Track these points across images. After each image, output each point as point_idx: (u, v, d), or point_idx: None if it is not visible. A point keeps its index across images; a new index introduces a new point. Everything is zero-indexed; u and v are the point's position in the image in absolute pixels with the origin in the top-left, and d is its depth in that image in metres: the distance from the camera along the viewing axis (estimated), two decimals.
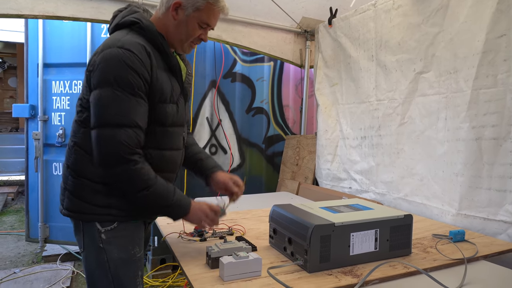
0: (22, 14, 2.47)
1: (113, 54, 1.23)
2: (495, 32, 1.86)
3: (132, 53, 1.24)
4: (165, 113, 1.35)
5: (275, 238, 1.51)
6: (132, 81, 1.23)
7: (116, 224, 1.33)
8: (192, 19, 1.36)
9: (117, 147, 1.21)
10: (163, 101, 1.34)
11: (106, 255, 1.31)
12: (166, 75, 1.36)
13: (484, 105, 1.93)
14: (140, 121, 1.26)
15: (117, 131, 1.22)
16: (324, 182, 3.25)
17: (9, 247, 4.05)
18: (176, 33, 1.38)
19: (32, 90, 3.71)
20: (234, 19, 3.22)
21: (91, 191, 1.31)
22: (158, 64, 1.32)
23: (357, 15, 2.82)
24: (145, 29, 1.33)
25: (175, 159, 1.47)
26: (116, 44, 1.25)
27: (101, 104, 1.24)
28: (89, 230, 1.32)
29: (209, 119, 3.66)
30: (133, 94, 1.24)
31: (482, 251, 1.55)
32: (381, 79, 2.64)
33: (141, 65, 1.25)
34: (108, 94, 1.22)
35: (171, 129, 1.40)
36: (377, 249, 1.39)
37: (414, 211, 2.36)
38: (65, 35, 3.57)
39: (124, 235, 1.35)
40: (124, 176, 1.25)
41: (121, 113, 1.23)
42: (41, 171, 3.63)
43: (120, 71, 1.22)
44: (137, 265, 1.38)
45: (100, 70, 1.24)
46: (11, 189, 6.68)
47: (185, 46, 1.43)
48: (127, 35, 1.30)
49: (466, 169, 2.01)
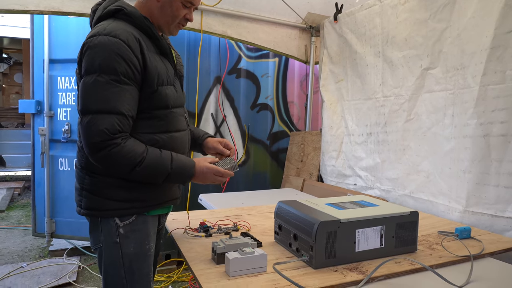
0: (28, 10, 2.47)
1: (98, 41, 1.22)
2: (504, 27, 1.84)
3: (118, 39, 1.23)
4: (166, 95, 1.35)
5: (281, 234, 1.51)
6: (118, 68, 1.22)
7: (135, 217, 1.34)
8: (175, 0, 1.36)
9: (96, 134, 1.20)
10: (162, 83, 1.34)
11: (121, 250, 1.33)
12: (159, 58, 1.37)
13: (492, 101, 1.91)
14: (123, 107, 1.23)
15: (96, 117, 1.20)
16: (329, 179, 3.24)
17: (16, 242, 4.10)
18: (161, 16, 1.39)
19: (38, 85, 3.72)
20: (239, 14, 3.21)
21: (111, 187, 1.31)
22: (148, 48, 1.32)
23: (363, 11, 2.80)
24: (130, 15, 1.32)
25: (184, 140, 1.49)
26: (102, 32, 1.24)
27: (84, 92, 1.23)
28: (107, 226, 1.33)
29: (214, 115, 3.66)
30: (117, 81, 1.22)
31: (488, 248, 1.54)
32: (387, 75, 2.62)
33: (128, 52, 1.24)
34: (92, 81, 1.21)
35: (174, 111, 1.41)
36: (383, 246, 1.38)
37: (420, 208, 2.34)
38: (71, 30, 3.57)
39: (141, 229, 1.36)
40: (107, 161, 1.24)
41: (102, 100, 1.21)
42: (47, 167, 3.65)
43: (105, 58, 1.21)
44: (151, 259, 1.40)
45: (86, 58, 1.24)
46: (18, 184, 6.74)
47: (172, 27, 1.43)
48: (112, 22, 1.29)
49: (474, 166, 2.00)
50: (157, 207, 1.41)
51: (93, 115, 1.21)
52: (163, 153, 1.32)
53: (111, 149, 1.21)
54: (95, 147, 1.21)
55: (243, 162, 3.84)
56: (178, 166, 1.33)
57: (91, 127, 1.20)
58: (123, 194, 1.32)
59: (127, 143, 1.24)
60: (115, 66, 1.21)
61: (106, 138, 1.20)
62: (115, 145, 1.21)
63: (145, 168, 1.26)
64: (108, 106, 1.21)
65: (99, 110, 1.21)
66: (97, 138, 1.20)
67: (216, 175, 1.42)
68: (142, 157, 1.26)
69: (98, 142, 1.20)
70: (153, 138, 1.34)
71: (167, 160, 1.31)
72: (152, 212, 1.40)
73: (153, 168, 1.29)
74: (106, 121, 1.20)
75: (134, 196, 1.34)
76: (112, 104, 1.21)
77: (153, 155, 1.29)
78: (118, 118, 1.22)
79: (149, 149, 1.30)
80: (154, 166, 1.29)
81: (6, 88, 9.65)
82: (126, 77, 1.24)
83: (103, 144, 1.20)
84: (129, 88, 1.25)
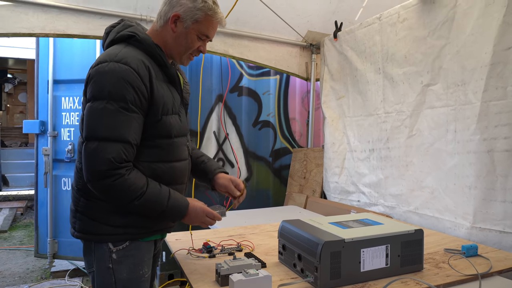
0: (34, 33, 2.53)
1: (109, 68, 1.21)
2: (503, 44, 1.86)
3: (129, 67, 1.22)
4: (169, 124, 1.34)
5: (285, 254, 1.49)
6: (127, 96, 1.21)
7: (128, 243, 1.32)
8: (191, 31, 1.37)
9: (102, 162, 1.18)
10: (166, 112, 1.32)
11: (114, 275, 1.30)
12: (166, 86, 1.35)
13: (495, 117, 1.91)
14: (130, 136, 1.22)
15: (103, 145, 1.19)
16: (332, 195, 3.22)
17: (18, 263, 4.06)
18: (175, 46, 1.39)
19: (42, 106, 3.76)
20: (240, 34, 3.26)
21: (106, 211, 1.29)
22: (157, 76, 1.32)
23: (363, 28, 2.84)
24: (142, 42, 1.32)
25: (184, 169, 1.46)
26: (113, 58, 1.23)
27: (92, 118, 1.22)
28: (99, 250, 1.31)
29: (216, 133, 3.68)
30: (126, 109, 1.21)
31: (496, 266, 1.51)
32: (388, 91, 2.63)
33: (137, 80, 1.23)
34: (100, 108, 1.20)
35: (177, 140, 1.39)
36: (388, 265, 1.36)
37: (425, 225, 2.32)
38: (75, 52, 3.64)
39: (135, 254, 1.33)
40: (108, 191, 1.22)
41: (110, 127, 1.20)
42: (50, 186, 3.66)
43: (114, 85, 1.20)
44: (144, 285, 1.37)
45: (94, 83, 1.22)
46: (20, 203, 6.73)
47: (184, 58, 1.43)
48: (124, 48, 1.29)
49: (479, 182, 1.98)
50: (151, 234, 1.39)
51: (100, 142, 1.19)
52: (162, 188, 1.31)
53: (115, 180, 1.19)
54: (99, 175, 1.19)
55: (246, 180, 3.82)
56: (174, 205, 1.32)
57: (97, 154, 1.18)
58: (117, 220, 1.30)
59: (130, 175, 1.23)
60: (124, 93, 1.20)
61: (112, 167, 1.18)
62: (119, 175, 1.20)
63: (143, 202, 1.25)
64: (116, 134, 1.20)
65: (107, 137, 1.19)
66: (103, 167, 1.18)
67: (208, 217, 1.40)
68: (142, 191, 1.24)
69: (104, 170, 1.18)
70: (153, 167, 1.32)
71: (164, 198, 1.29)
72: (146, 239, 1.38)
73: (151, 203, 1.27)
74: (113, 150, 1.19)
75: (128, 222, 1.31)
76: (120, 132, 1.20)
77: (152, 190, 1.27)
78: (124, 146, 1.21)
79: (150, 183, 1.28)
80: (152, 202, 1.27)
81: (11, 108, 9.76)
82: (134, 105, 1.23)
83: (107, 174, 1.19)
84: (136, 117, 1.24)
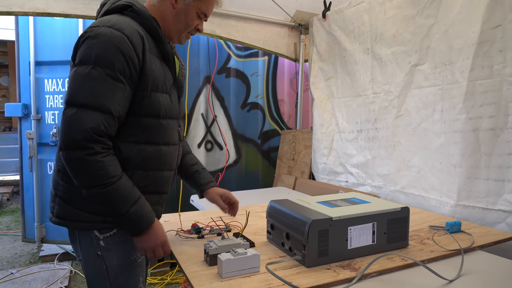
0: (12, 11, 2.43)
1: (100, 32, 1.14)
2: (491, 22, 1.86)
3: (122, 33, 1.15)
4: (158, 103, 1.26)
5: (273, 233, 1.50)
6: (115, 63, 1.13)
7: (116, 230, 1.26)
8: (192, 8, 1.33)
9: (79, 131, 1.09)
10: (156, 89, 1.25)
11: (105, 262, 1.25)
12: (159, 62, 1.29)
13: (480, 96, 1.92)
14: (113, 107, 1.13)
15: (82, 112, 1.10)
16: (320, 176, 3.25)
17: (5, 248, 4.03)
18: (174, 23, 1.34)
19: (24, 88, 3.65)
20: (227, 13, 3.19)
21: (85, 197, 1.18)
22: (151, 50, 1.25)
23: (351, 8, 2.80)
24: (138, 13, 1.25)
25: (173, 155, 1.39)
26: (105, 24, 1.16)
27: (74, 82, 1.13)
28: (86, 237, 1.25)
29: (204, 115, 3.64)
30: (112, 77, 1.13)
31: (478, 241, 1.56)
32: (377, 72, 2.63)
33: (130, 48, 1.16)
34: (85, 73, 1.12)
35: (165, 122, 1.31)
36: (375, 242, 1.38)
37: (412, 203, 2.36)
38: (57, 32, 3.51)
39: (124, 241, 1.26)
40: (76, 164, 1.11)
41: (92, 94, 1.11)
42: (35, 171, 3.60)
43: (104, 51, 1.12)
44: (138, 270, 1.32)
45: (83, 47, 1.15)
46: (6, 189, 6.63)
47: (182, 36, 1.39)
48: (118, 17, 1.22)
49: (464, 160, 2.01)
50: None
51: (79, 109, 1.10)
52: (133, 192, 1.19)
53: (87, 155, 1.10)
54: (73, 145, 1.10)
55: (235, 162, 3.83)
56: (136, 213, 1.18)
57: (74, 122, 1.10)
58: (96, 207, 1.21)
59: (105, 158, 1.13)
60: (113, 60, 1.13)
61: (88, 138, 1.09)
62: (93, 151, 1.10)
63: (106, 193, 1.13)
64: (97, 102, 1.11)
65: (86, 104, 1.10)
66: (78, 136, 1.09)
67: (163, 247, 1.26)
68: (110, 181, 1.13)
69: (78, 140, 1.09)
70: (138, 149, 1.24)
71: (130, 200, 1.17)
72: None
73: (112, 199, 1.15)
74: (92, 119, 1.10)
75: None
76: (102, 100, 1.12)
77: (121, 186, 1.16)
78: (105, 117, 1.12)
79: (123, 179, 1.17)
80: (114, 198, 1.15)
81: None
82: (122, 74, 1.15)
83: (81, 144, 1.09)
84: (122, 87, 1.15)
